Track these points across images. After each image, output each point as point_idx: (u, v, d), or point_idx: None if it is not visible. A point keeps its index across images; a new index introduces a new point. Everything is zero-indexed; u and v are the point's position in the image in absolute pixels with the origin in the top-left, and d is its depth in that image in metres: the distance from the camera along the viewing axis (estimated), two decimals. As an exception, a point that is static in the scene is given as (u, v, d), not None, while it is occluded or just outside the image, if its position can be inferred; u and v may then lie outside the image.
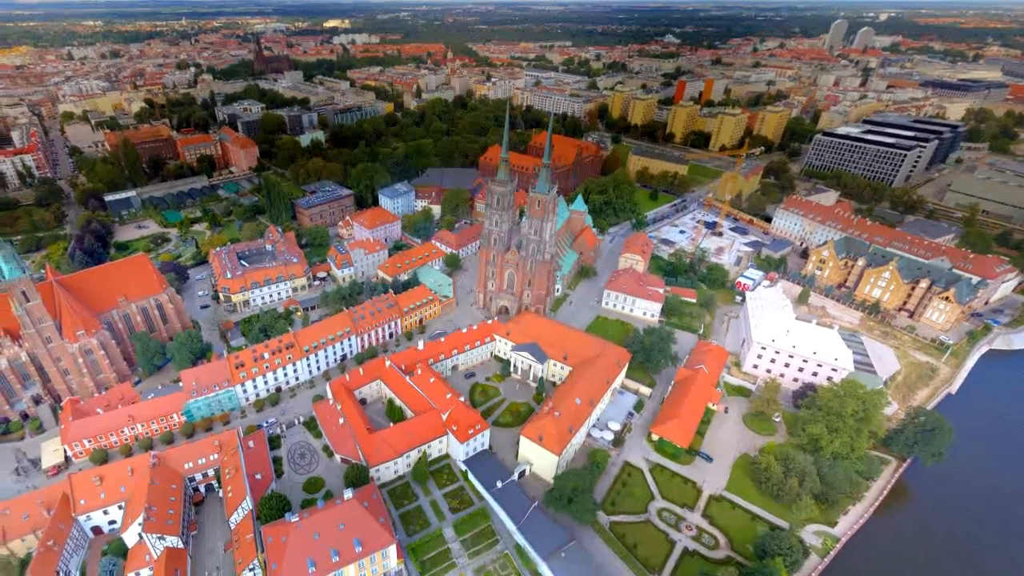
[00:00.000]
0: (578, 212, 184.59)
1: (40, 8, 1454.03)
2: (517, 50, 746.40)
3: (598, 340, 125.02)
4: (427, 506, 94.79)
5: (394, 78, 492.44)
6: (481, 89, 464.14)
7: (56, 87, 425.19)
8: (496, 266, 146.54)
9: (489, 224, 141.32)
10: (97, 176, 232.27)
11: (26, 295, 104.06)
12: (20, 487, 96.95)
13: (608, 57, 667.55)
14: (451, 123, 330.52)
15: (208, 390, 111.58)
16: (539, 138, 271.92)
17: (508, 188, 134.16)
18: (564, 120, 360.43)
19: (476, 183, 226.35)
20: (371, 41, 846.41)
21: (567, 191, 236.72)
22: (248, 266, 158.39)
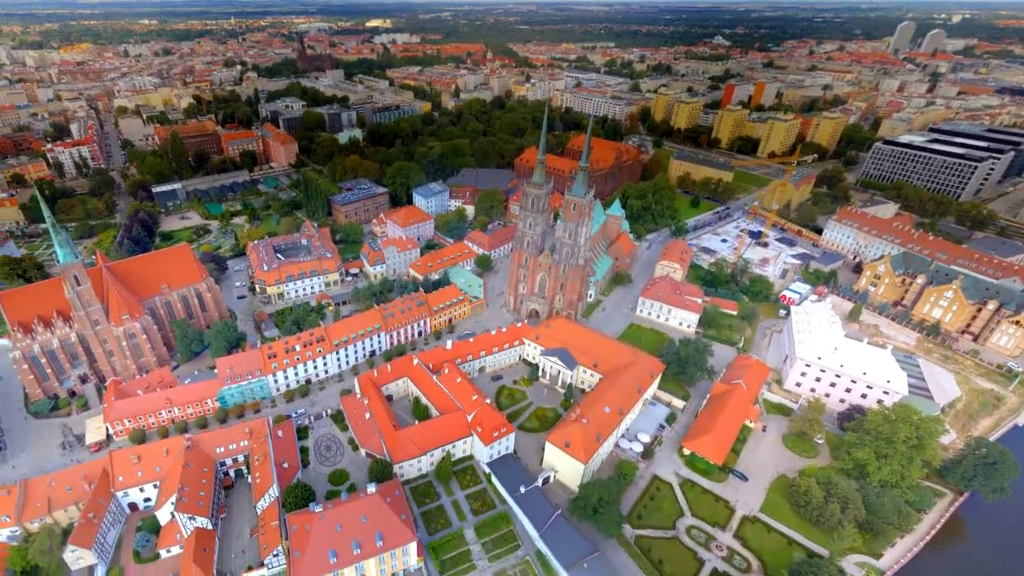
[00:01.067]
0: (615, 217, 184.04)
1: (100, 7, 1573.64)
2: (558, 51, 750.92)
3: (630, 349, 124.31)
4: (449, 506, 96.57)
5: (433, 78, 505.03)
6: (520, 90, 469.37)
7: (112, 83, 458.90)
8: (528, 269, 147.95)
9: (523, 226, 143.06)
10: (146, 168, 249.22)
11: (78, 279, 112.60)
12: (65, 461, 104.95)
13: (653, 59, 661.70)
14: (488, 124, 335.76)
15: (241, 378, 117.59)
16: (577, 140, 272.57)
17: (544, 190, 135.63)
18: (604, 123, 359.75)
19: (511, 184, 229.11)
20: (412, 41, 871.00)
21: (604, 195, 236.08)
22: (284, 259, 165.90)
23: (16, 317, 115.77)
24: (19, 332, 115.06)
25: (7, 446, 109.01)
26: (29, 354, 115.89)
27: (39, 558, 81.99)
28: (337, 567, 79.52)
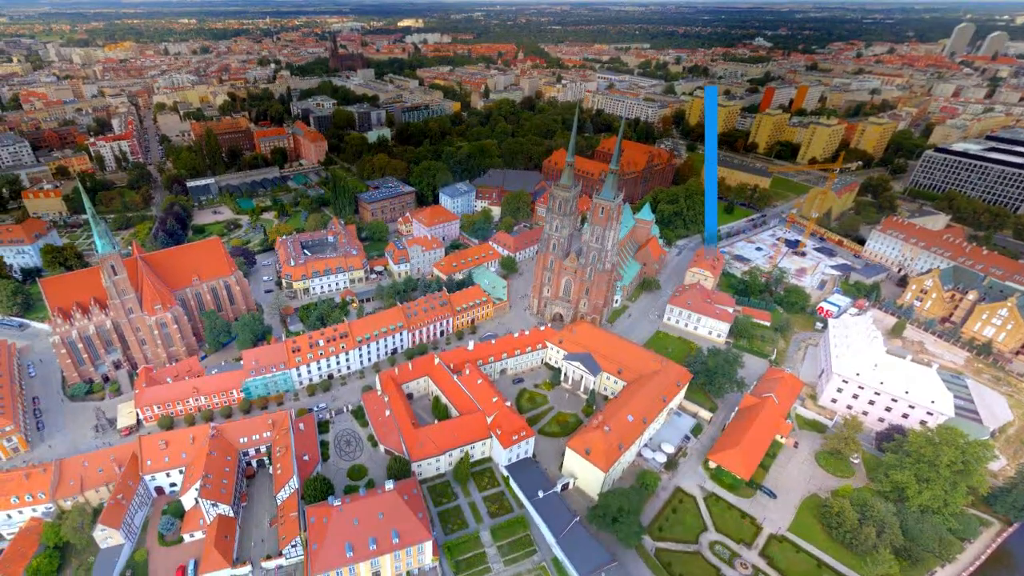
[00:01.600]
0: (644, 221, 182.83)
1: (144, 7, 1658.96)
2: (591, 52, 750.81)
3: (657, 356, 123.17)
4: (466, 507, 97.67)
5: (463, 77, 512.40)
6: (550, 91, 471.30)
7: (152, 80, 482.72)
8: (553, 272, 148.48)
9: (549, 229, 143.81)
10: (182, 163, 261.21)
11: (114, 269, 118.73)
12: (98, 443, 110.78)
13: (689, 60, 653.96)
14: (517, 124, 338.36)
15: (266, 371, 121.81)
16: (608, 143, 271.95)
17: (571, 193, 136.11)
18: (636, 125, 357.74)
19: (538, 186, 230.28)
20: (443, 40, 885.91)
21: (634, 199, 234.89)
22: (310, 255, 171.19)
23: (56, 303, 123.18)
24: (59, 318, 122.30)
25: (45, 426, 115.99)
26: (67, 339, 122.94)
27: (71, 535, 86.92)
28: (353, 561, 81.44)
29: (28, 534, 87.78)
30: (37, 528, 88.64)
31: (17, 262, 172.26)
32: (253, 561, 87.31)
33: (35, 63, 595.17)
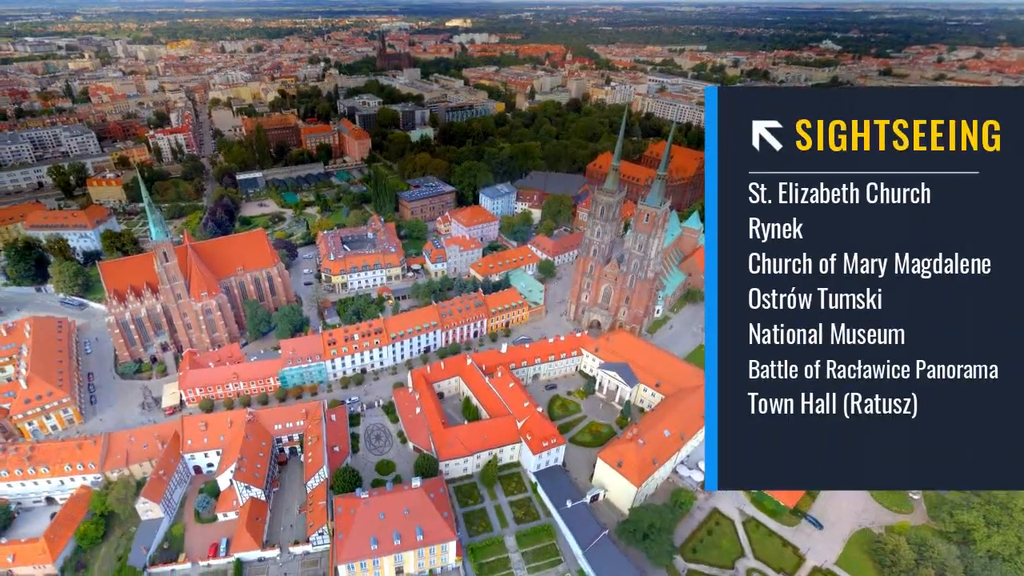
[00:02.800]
0: (692, 230, 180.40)
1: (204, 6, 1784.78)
2: (643, 53, 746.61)
3: (698, 371, 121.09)
4: (491, 510, 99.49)
5: (509, 78, 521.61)
6: (598, 93, 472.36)
7: (209, 76, 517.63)
8: (593, 278, 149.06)
9: (590, 234, 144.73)
10: (232, 156, 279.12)
11: (166, 255, 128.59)
12: (143, 420, 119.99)
13: (748, 64, 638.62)
14: (562, 126, 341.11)
15: (302, 361, 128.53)
16: (656, 148, 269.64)
17: (616, 198, 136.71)
18: (688, 130, 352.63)
19: (581, 190, 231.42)
20: (490, 40, 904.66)
21: (682, 207, 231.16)
22: (350, 250, 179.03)
23: (113, 286, 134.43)
24: (114, 299, 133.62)
25: (97, 401, 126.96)
26: (121, 320, 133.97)
27: (116, 505, 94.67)
28: (377, 554, 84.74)
29: (78, 501, 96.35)
30: (86, 496, 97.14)
31: (80, 245, 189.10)
32: (281, 545, 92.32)
33: (104, 59, 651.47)
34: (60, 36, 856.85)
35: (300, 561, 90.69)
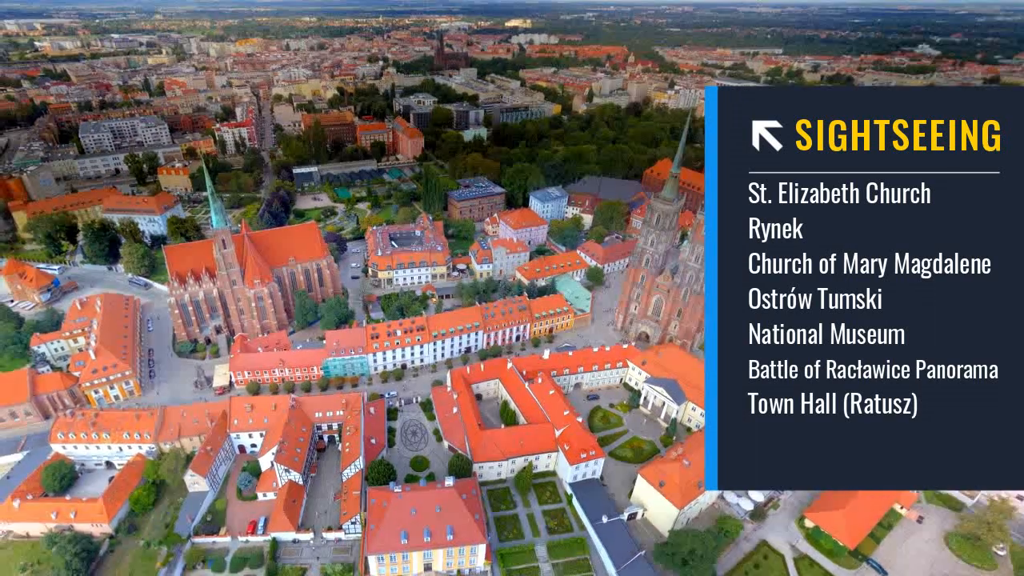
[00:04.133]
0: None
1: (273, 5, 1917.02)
2: (712, 56, 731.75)
3: None
4: (524, 517, 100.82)
5: (566, 80, 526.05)
6: (660, 97, 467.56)
7: (273, 73, 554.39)
8: (644, 289, 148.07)
9: (644, 242, 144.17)
10: (290, 151, 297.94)
11: (224, 243, 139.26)
12: (195, 397, 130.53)
13: (830, 69, 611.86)
14: (620, 130, 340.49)
15: (345, 352, 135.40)
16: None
17: (673, 207, 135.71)
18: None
19: (636, 197, 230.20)
20: (549, 41, 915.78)
21: None
22: (397, 247, 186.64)
23: (175, 269, 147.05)
24: (176, 282, 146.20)
25: (155, 375, 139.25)
26: (180, 301, 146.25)
27: (166, 475, 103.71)
28: (406, 548, 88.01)
29: (133, 467, 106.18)
30: (141, 464, 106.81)
31: (148, 229, 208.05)
32: (315, 529, 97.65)
33: (179, 55, 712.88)
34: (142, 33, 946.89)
35: (332, 547, 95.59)
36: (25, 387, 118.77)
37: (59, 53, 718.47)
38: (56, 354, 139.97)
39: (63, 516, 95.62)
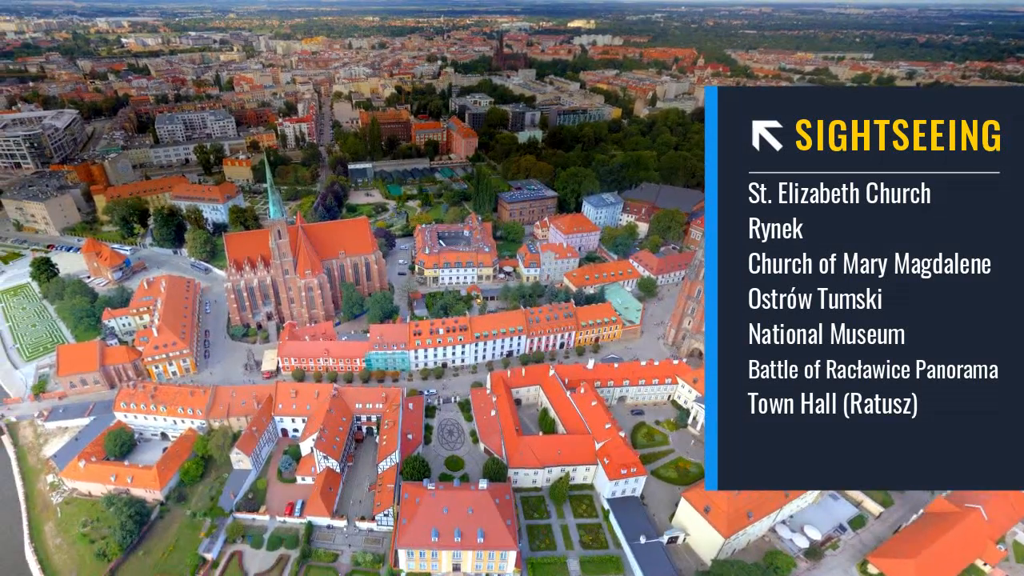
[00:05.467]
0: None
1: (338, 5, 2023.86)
2: (791, 60, 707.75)
3: None
4: (557, 529, 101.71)
5: (629, 83, 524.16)
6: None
7: (335, 71, 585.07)
8: (699, 303, 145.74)
9: (702, 254, 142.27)
10: (347, 147, 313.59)
11: (280, 233, 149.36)
12: (245, 379, 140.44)
13: (927, 76, 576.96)
14: (683, 137, 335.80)
15: (388, 347, 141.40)
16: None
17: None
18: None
19: (697, 207, 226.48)
20: (613, 43, 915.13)
21: None
22: (445, 246, 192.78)
23: (233, 255, 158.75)
24: (233, 268, 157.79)
25: (209, 356, 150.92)
26: (236, 287, 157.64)
27: (214, 451, 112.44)
28: (436, 547, 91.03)
29: (185, 441, 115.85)
30: (191, 438, 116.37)
31: (211, 217, 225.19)
32: (349, 517, 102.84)
33: (249, 52, 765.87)
34: (216, 31, 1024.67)
35: (364, 536, 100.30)
36: (95, 357, 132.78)
37: (142, 49, 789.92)
38: (123, 329, 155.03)
39: (121, 480, 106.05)
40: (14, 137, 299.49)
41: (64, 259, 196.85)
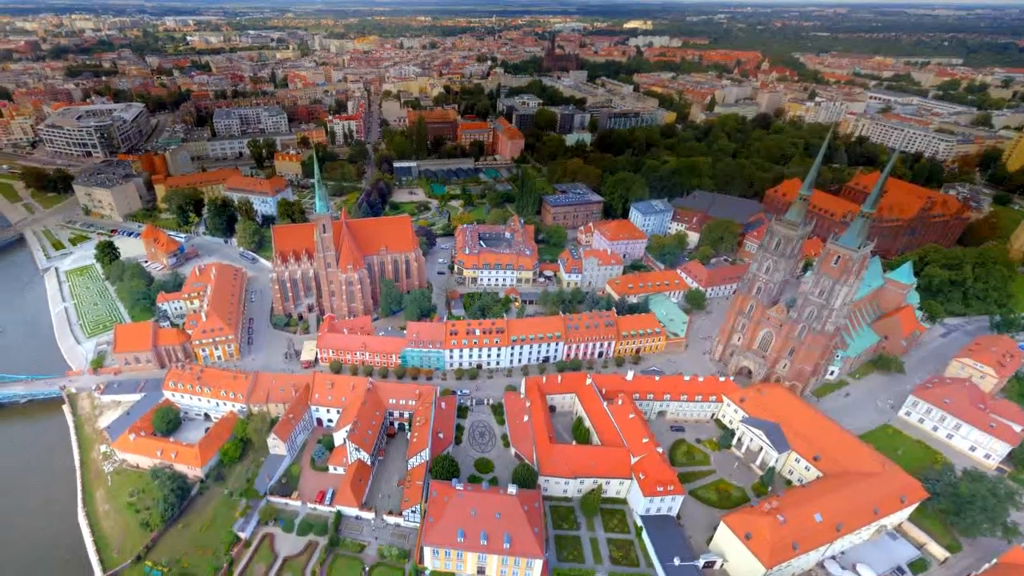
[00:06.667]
0: (899, 284, 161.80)
1: (391, 5, 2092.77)
2: (867, 65, 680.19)
3: (877, 455, 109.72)
4: (586, 541, 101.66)
5: (686, 86, 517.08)
6: (796, 109, 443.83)
7: (385, 70, 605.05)
8: (751, 319, 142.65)
9: (757, 268, 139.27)
10: (394, 145, 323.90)
11: (325, 228, 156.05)
12: (284, 367, 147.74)
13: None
14: (742, 144, 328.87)
15: (424, 345, 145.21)
16: (865, 179, 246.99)
17: (798, 232, 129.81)
18: (915, 162, 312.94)
19: (754, 218, 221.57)
20: (671, 44, 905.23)
21: (890, 253, 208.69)
22: (485, 247, 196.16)
23: (280, 247, 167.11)
24: (279, 259, 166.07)
25: (252, 343, 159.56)
26: (281, 278, 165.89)
27: (253, 434, 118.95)
28: (462, 547, 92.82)
29: (226, 423, 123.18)
30: (232, 420, 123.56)
31: (261, 209, 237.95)
32: (377, 510, 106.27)
33: (304, 51, 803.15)
34: (274, 30, 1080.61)
35: (391, 530, 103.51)
36: (149, 337, 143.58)
37: (205, 47, 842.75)
38: (175, 312, 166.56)
39: (166, 455, 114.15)
40: (87, 127, 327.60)
41: (125, 243, 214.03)
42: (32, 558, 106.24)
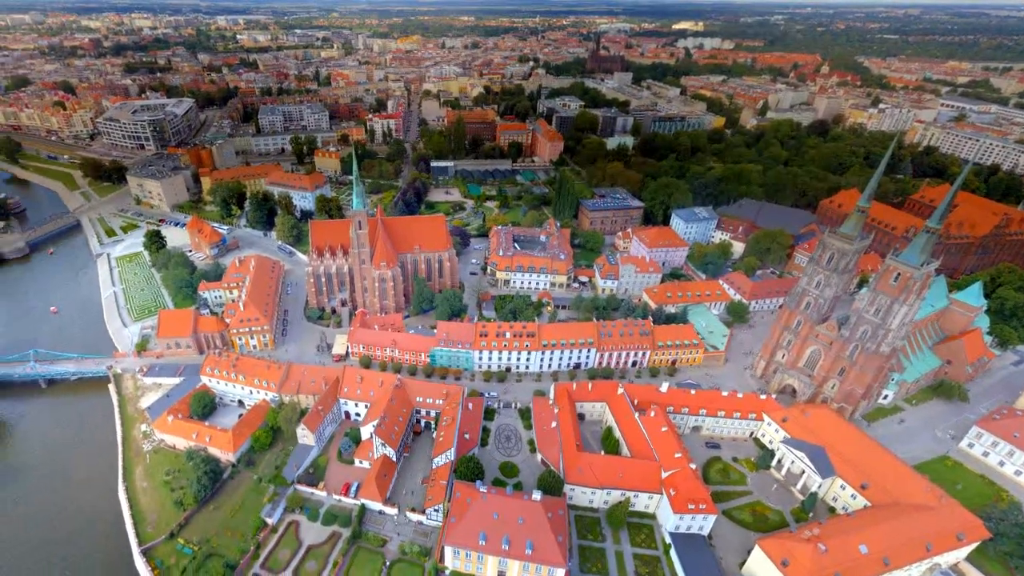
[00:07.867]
0: (966, 306, 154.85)
1: (435, 5, 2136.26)
2: (939, 70, 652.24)
3: (933, 487, 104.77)
4: (611, 555, 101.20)
5: (737, 90, 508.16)
6: (857, 116, 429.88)
7: (426, 70, 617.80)
8: (798, 336, 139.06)
9: (807, 283, 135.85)
10: (431, 144, 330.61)
11: (360, 224, 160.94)
12: (316, 360, 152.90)
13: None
14: (796, 151, 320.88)
15: (453, 345, 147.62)
16: (933, 192, 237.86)
17: (854, 246, 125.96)
18: (989, 175, 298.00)
19: (806, 229, 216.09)
20: (723, 46, 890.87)
21: (957, 273, 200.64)
22: (519, 250, 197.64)
23: (316, 242, 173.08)
24: (315, 253, 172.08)
25: (287, 334, 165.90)
26: (316, 271, 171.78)
27: (283, 423, 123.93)
28: (483, 550, 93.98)
29: (258, 410, 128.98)
30: (264, 408, 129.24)
31: (300, 204, 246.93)
32: (400, 506, 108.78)
33: (347, 50, 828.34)
34: (319, 29, 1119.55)
35: (413, 527, 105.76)
36: (190, 324, 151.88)
37: (253, 45, 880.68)
38: (215, 301, 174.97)
39: (200, 438, 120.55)
40: (141, 121, 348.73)
41: (171, 233, 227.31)
42: (72, 528, 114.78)
